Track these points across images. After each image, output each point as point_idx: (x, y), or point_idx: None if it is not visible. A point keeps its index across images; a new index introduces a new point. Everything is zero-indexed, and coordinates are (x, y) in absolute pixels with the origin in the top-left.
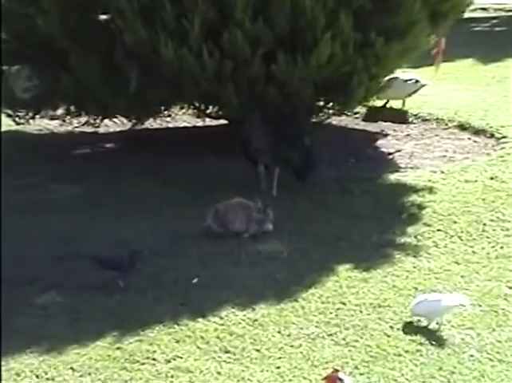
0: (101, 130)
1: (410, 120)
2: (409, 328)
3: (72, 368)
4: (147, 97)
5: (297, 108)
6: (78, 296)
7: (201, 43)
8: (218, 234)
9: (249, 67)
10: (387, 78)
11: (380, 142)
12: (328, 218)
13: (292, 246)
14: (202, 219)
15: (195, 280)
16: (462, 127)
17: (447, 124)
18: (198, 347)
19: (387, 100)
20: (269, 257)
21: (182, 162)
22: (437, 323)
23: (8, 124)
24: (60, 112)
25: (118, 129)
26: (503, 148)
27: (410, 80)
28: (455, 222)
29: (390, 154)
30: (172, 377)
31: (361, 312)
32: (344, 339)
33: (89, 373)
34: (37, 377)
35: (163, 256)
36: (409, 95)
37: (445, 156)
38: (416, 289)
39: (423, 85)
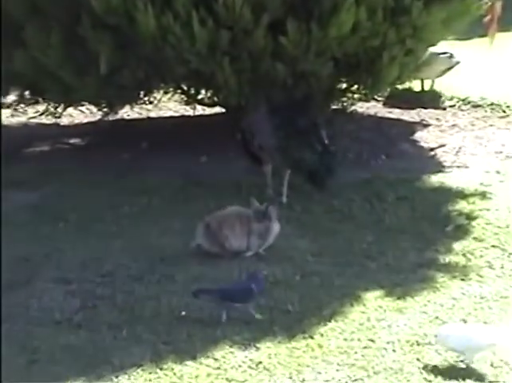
0: (64, 121)
1: (445, 105)
2: (455, 372)
3: None
4: (121, 79)
5: (313, 93)
6: (35, 331)
7: (190, 9)
8: (211, 255)
9: (250, 39)
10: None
11: (418, 134)
12: (353, 232)
13: (307, 268)
14: (191, 235)
15: (183, 313)
16: None
17: (504, 111)
18: None
19: (422, 81)
20: (278, 282)
21: (166, 161)
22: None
23: None
24: (11, 98)
25: (85, 120)
26: None
27: (443, 54)
28: None
29: (432, 149)
30: None
31: (394, 351)
32: None
33: None
34: None
35: (142, 282)
36: (441, 74)
37: (501, 152)
38: (465, 321)
39: (457, 62)
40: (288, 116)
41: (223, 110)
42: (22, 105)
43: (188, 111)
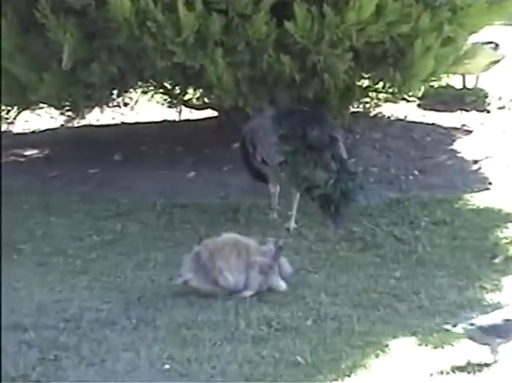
0: (18, 128)
1: (491, 107)
2: None
3: None
4: (89, 76)
5: (328, 92)
6: None
7: None
8: (201, 294)
9: (249, 26)
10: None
11: (459, 143)
12: (377, 265)
13: (321, 311)
14: (176, 268)
15: (167, 366)
16: None
17: None
18: None
19: (464, 76)
20: (285, 327)
21: (144, 178)
22: None
23: None
24: None
25: (44, 127)
26: None
27: (488, 43)
28: None
29: (476, 162)
30: None
31: None
32: None
33: None
34: None
35: (115, 328)
36: (487, 68)
37: None
38: None
39: (504, 56)
40: (296, 124)
41: (215, 113)
42: None
43: (172, 115)
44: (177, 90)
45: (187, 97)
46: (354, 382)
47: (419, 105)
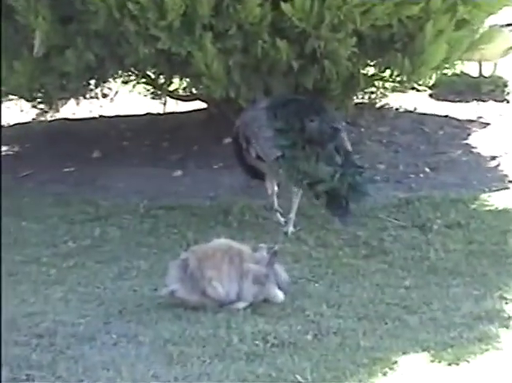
0: None
1: (509, 97)
2: None
3: None
4: (63, 64)
5: (329, 81)
6: None
7: None
8: (189, 306)
9: (242, 7)
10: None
11: (475, 137)
12: (385, 273)
13: (322, 324)
14: (161, 278)
15: None
16: None
17: None
18: None
19: (480, 63)
20: (283, 343)
21: (126, 177)
22: None
23: None
24: None
25: (14, 121)
26: None
27: (508, 25)
28: None
29: (494, 158)
30: None
31: None
32: None
33: None
34: None
35: (93, 345)
36: (506, 54)
37: None
38: None
39: None
40: (293, 115)
41: (204, 105)
42: None
43: (156, 107)
44: (161, 80)
45: (172, 88)
46: None
47: (430, 95)
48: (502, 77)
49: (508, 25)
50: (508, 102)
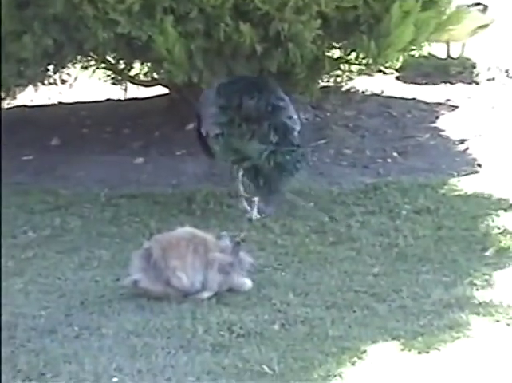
0: None
1: (479, 78)
2: None
3: None
4: (20, 49)
5: (293, 64)
6: None
7: None
8: (153, 296)
9: None
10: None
11: (443, 120)
12: (353, 260)
13: (289, 313)
14: (124, 268)
15: (115, 379)
16: None
17: None
18: None
19: (448, 44)
20: (249, 332)
21: (86, 165)
22: None
23: None
24: None
25: None
26: None
27: (475, 5)
28: None
29: (462, 142)
30: None
31: None
32: None
33: None
34: None
35: (54, 337)
36: (473, 34)
37: None
38: None
39: (493, 20)
40: (234, 93)
41: (166, 91)
42: None
43: (117, 93)
44: (122, 65)
45: (133, 73)
46: None
47: (397, 78)
48: (470, 59)
49: (476, 4)
50: (477, 84)
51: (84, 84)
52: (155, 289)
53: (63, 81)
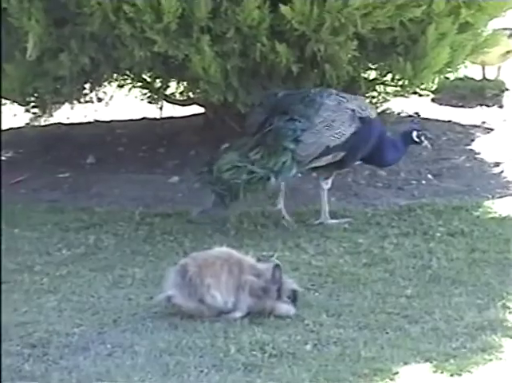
0: None
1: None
2: None
3: None
4: (57, 67)
5: (329, 85)
6: None
7: None
8: (186, 314)
9: (241, 10)
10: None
11: (478, 143)
12: (386, 281)
13: (322, 334)
14: (156, 286)
15: None
16: None
17: None
18: None
19: (484, 67)
20: (281, 353)
21: (121, 183)
22: None
23: None
24: None
25: (7, 126)
26: None
27: (503, 29)
28: None
29: (497, 164)
30: None
31: None
32: None
33: None
34: None
35: (87, 355)
36: (503, 58)
37: None
38: None
39: None
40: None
41: (202, 110)
42: None
43: (153, 111)
44: (158, 83)
45: (169, 92)
46: None
47: (433, 100)
48: (505, 82)
49: (504, 29)
50: (501, 107)
51: (120, 102)
52: (188, 305)
53: (99, 99)
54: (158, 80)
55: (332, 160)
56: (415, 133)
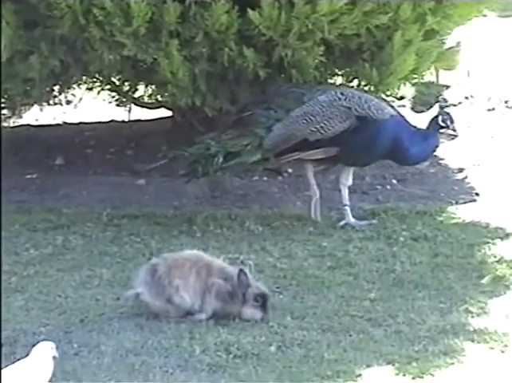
0: None
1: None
2: None
3: None
4: (27, 69)
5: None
6: None
7: None
8: (153, 314)
9: (209, 15)
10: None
11: (442, 149)
12: (350, 285)
13: (286, 335)
14: (123, 287)
15: None
16: None
17: None
18: None
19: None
20: (246, 354)
21: (89, 185)
22: None
23: None
24: None
25: None
26: None
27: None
28: None
29: (461, 170)
30: None
31: None
32: None
33: None
34: None
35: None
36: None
37: None
38: None
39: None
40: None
41: (170, 113)
42: None
43: (121, 114)
44: (126, 87)
45: (137, 95)
46: None
47: (398, 106)
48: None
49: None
50: (477, 114)
51: (89, 105)
52: (155, 304)
53: (68, 102)
54: (126, 84)
55: (326, 155)
56: (440, 118)
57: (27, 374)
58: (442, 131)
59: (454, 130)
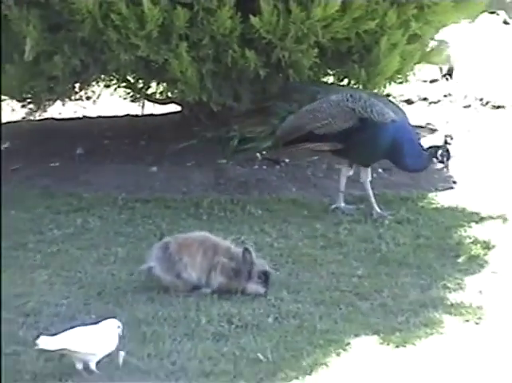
0: None
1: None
2: None
3: None
4: (51, 68)
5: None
6: None
7: None
8: (163, 288)
9: (215, 20)
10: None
11: (423, 142)
12: (340, 263)
13: (282, 308)
14: (137, 264)
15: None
16: None
17: None
18: None
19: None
20: (246, 324)
21: (106, 172)
22: None
23: None
24: None
25: (5, 120)
26: None
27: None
28: None
29: (441, 162)
30: None
31: None
32: None
33: None
34: None
35: (74, 324)
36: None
37: None
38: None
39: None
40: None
41: (179, 108)
42: None
43: (135, 109)
44: (140, 84)
45: (150, 91)
46: (315, 380)
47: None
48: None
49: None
50: (455, 110)
51: (106, 100)
52: (166, 278)
53: (88, 98)
54: (140, 81)
55: (334, 148)
56: (439, 152)
57: (98, 337)
58: (435, 161)
59: (446, 167)
